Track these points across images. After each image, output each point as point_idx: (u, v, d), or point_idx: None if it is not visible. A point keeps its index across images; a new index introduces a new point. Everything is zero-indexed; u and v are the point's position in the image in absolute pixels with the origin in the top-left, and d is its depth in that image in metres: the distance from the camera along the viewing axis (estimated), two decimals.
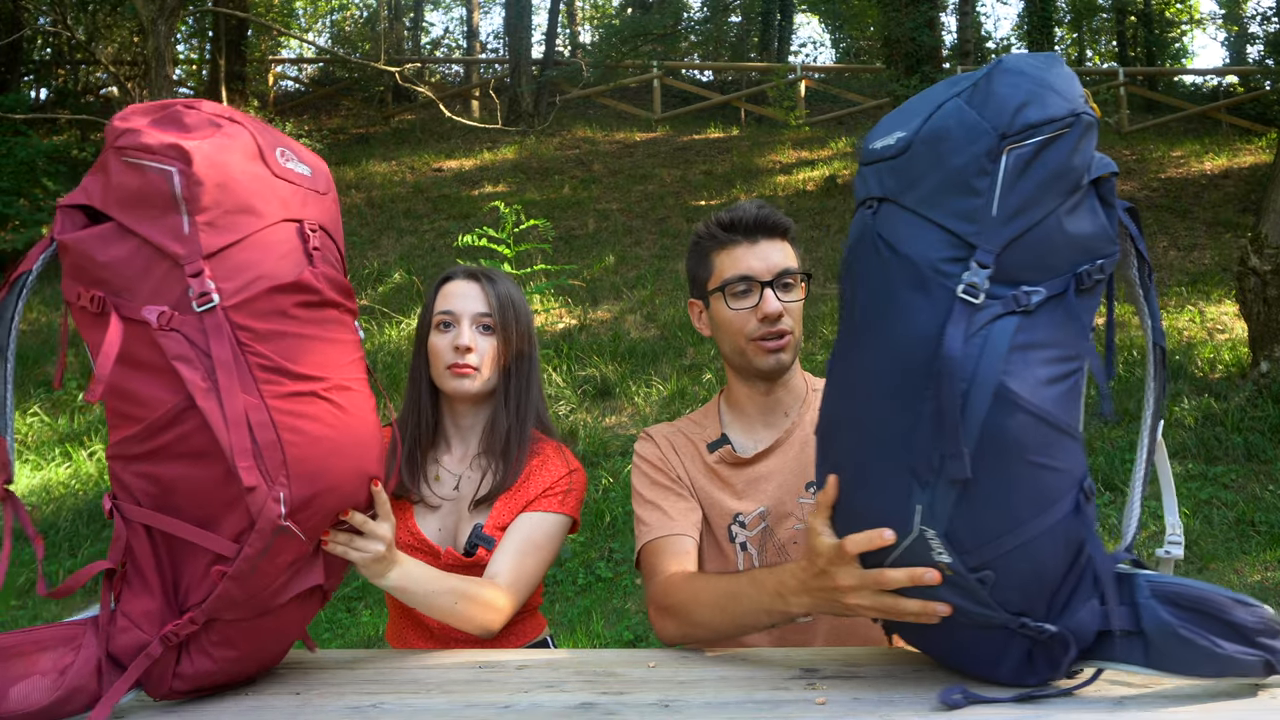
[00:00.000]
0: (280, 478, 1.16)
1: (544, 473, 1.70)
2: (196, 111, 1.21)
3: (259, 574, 1.19)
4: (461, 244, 6.38)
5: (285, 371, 1.18)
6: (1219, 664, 1.08)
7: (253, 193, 1.19)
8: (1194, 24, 22.71)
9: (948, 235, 1.10)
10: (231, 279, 1.17)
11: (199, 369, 1.14)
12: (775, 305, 1.58)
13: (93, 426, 6.65)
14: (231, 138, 1.20)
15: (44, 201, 10.13)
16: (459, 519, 1.71)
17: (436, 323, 1.71)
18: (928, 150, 1.11)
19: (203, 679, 1.24)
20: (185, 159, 1.14)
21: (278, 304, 1.19)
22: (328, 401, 1.22)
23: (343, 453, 1.23)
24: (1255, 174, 10.75)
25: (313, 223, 1.26)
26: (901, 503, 1.10)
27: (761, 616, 1.33)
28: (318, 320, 1.24)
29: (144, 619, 1.20)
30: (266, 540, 1.17)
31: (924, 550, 1.10)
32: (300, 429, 1.18)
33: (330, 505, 1.24)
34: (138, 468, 1.19)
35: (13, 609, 4.70)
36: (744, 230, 1.62)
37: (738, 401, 1.70)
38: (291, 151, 1.28)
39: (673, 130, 14.40)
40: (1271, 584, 4.21)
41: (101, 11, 13.84)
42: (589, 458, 5.83)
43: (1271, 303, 5.88)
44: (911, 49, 10.40)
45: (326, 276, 1.25)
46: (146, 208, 1.15)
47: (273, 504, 1.15)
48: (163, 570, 1.21)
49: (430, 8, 25.62)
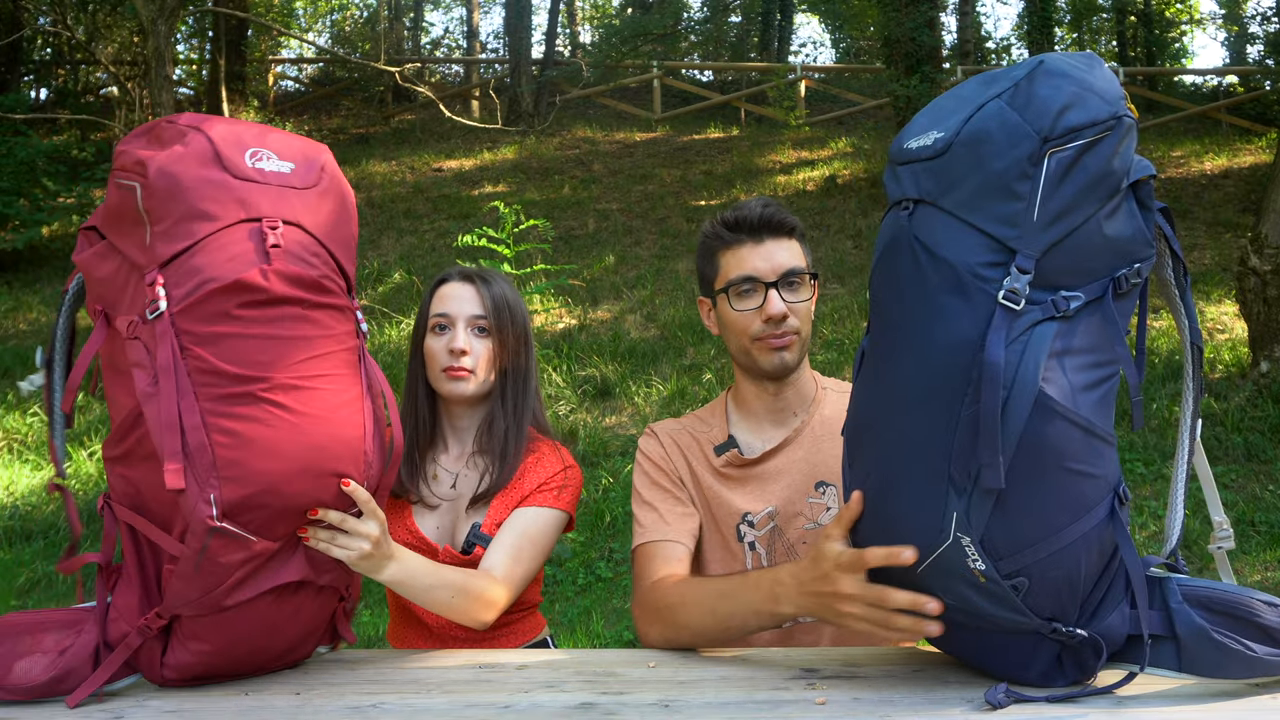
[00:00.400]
0: (210, 479, 1.17)
1: (539, 469, 1.70)
2: (174, 125, 1.26)
3: (205, 573, 1.20)
4: (461, 244, 6.38)
5: (220, 373, 1.19)
6: (1251, 666, 1.09)
7: (205, 197, 1.22)
8: (1194, 24, 22.72)
9: (988, 239, 1.08)
10: (182, 284, 1.20)
11: (149, 374, 1.20)
12: (779, 307, 1.57)
13: (93, 427, 6.65)
14: (189, 146, 1.23)
15: (44, 201, 10.14)
16: (456, 517, 1.71)
17: (432, 325, 1.71)
18: (968, 152, 1.09)
19: (186, 670, 1.28)
20: (144, 173, 1.21)
21: (220, 306, 1.20)
22: (269, 403, 1.20)
23: (281, 453, 1.20)
24: (1255, 174, 10.75)
25: (274, 219, 1.24)
26: (936, 508, 1.09)
27: (750, 618, 1.33)
28: (267, 319, 1.22)
29: (127, 611, 1.26)
30: (202, 540, 1.18)
31: (959, 557, 1.09)
32: (233, 430, 1.18)
33: (277, 505, 1.22)
34: (115, 468, 1.27)
35: (13, 609, 4.70)
36: (749, 229, 1.61)
37: (745, 401, 1.70)
38: (270, 151, 1.28)
39: (673, 130, 14.40)
40: (1271, 584, 4.22)
41: (101, 11, 13.85)
42: (589, 458, 5.83)
43: (1271, 303, 5.88)
44: (911, 49, 10.40)
45: (282, 273, 1.23)
46: (123, 223, 1.24)
47: (203, 505, 1.16)
48: (144, 566, 1.27)
49: (430, 8, 25.63)
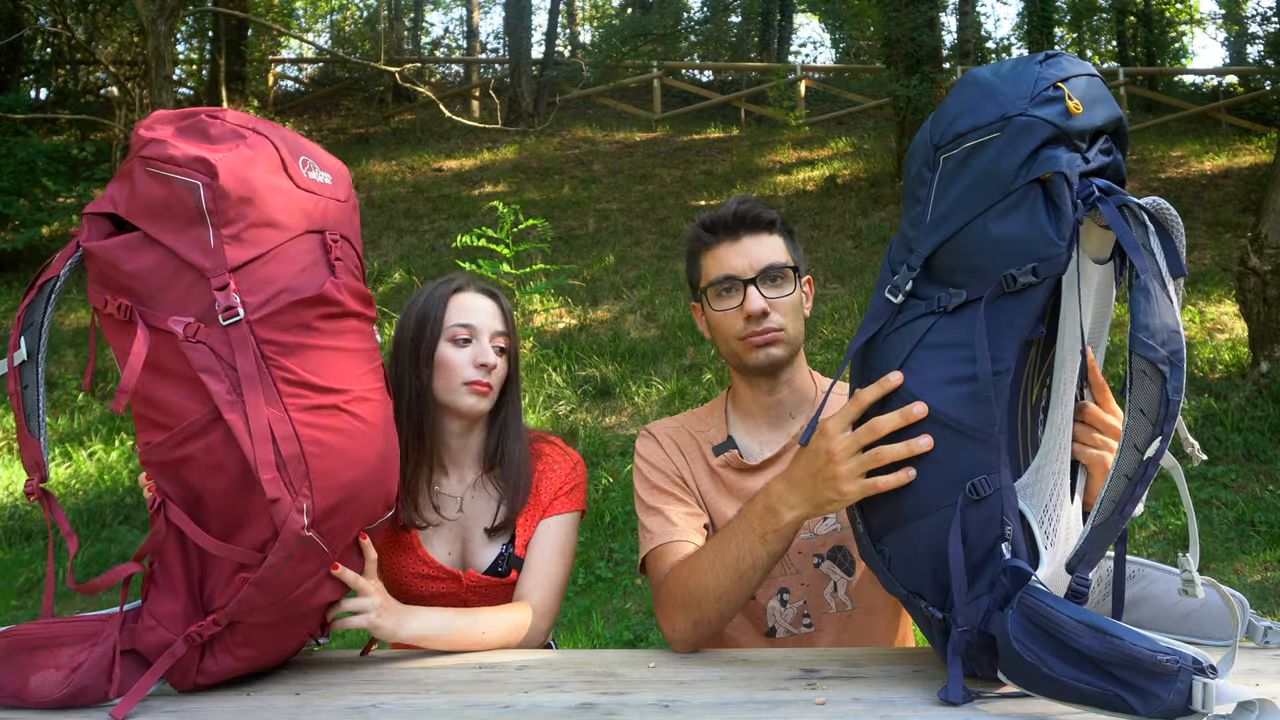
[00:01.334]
0: (303, 489, 1.19)
1: (552, 475, 1.69)
2: (221, 122, 1.22)
3: (281, 581, 1.22)
4: (461, 244, 6.38)
5: (309, 385, 1.21)
6: (1055, 687, 1.03)
7: (276, 206, 1.21)
8: (1194, 24, 22.72)
9: (903, 239, 1.22)
10: (256, 293, 1.19)
11: (224, 381, 1.17)
12: (757, 304, 1.56)
13: (92, 427, 6.65)
14: (255, 150, 1.21)
15: (44, 201, 10.14)
16: (466, 539, 1.69)
17: (452, 335, 1.63)
18: (906, 164, 1.25)
19: (224, 674, 1.28)
20: (211, 173, 1.16)
21: (301, 317, 1.22)
22: (349, 414, 1.25)
23: (363, 464, 1.26)
24: (1255, 174, 10.75)
25: (334, 233, 1.28)
26: None
27: (757, 546, 1.32)
28: (339, 331, 1.27)
29: (169, 619, 1.24)
30: (290, 549, 1.19)
31: (854, 521, 1.28)
32: (323, 441, 1.21)
33: (352, 514, 1.27)
34: (170, 473, 1.22)
35: (12, 609, 4.70)
36: (725, 229, 1.60)
37: (742, 402, 1.69)
38: (314, 160, 1.29)
39: (673, 130, 14.40)
40: (1271, 584, 4.21)
41: (101, 11, 13.85)
42: (589, 458, 5.83)
43: (1271, 303, 5.89)
44: (911, 49, 10.39)
45: (348, 287, 1.27)
46: (172, 219, 1.17)
47: (296, 515, 1.18)
48: (190, 572, 1.24)
49: (430, 8, 25.61)
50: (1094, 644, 1.01)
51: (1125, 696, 0.99)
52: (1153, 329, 1.02)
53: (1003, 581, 1.10)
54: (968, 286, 1.13)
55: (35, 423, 1.25)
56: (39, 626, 1.24)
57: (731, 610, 1.40)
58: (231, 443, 1.17)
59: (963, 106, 1.15)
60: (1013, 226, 1.10)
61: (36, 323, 1.24)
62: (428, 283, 1.74)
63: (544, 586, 1.60)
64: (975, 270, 1.12)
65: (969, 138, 1.13)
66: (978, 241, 1.12)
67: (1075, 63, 1.15)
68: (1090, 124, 1.11)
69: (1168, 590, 1.30)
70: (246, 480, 1.18)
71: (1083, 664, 1.02)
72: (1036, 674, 1.04)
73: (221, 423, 1.17)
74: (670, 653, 1.43)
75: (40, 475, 1.24)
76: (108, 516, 5.59)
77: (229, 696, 1.28)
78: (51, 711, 1.21)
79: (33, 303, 1.23)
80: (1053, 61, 1.14)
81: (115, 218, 1.21)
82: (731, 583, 1.36)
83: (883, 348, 1.20)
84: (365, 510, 1.30)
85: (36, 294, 1.23)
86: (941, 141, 1.15)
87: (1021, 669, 1.06)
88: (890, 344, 1.19)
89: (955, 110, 1.15)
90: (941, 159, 1.15)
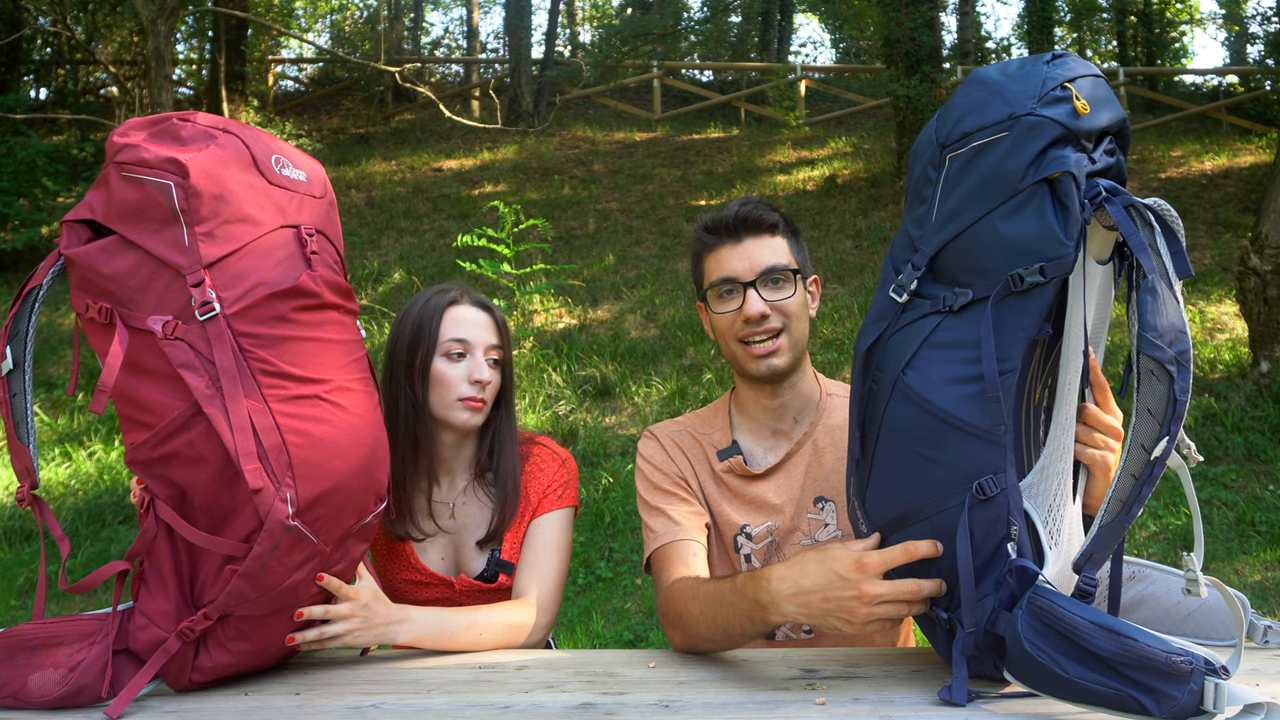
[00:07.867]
0: (286, 479, 1.20)
1: (541, 476, 1.69)
2: (191, 124, 1.24)
3: (269, 572, 1.22)
4: (461, 244, 6.38)
5: (288, 375, 1.22)
6: (1066, 688, 1.03)
7: (249, 202, 1.23)
8: (1194, 24, 22.73)
9: (908, 238, 1.21)
10: (232, 287, 1.20)
11: (204, 376, 1.18)
12: (757, 307, 1.55)
13: (92, 427, 6.65)
14: (225, 148, 1.23)
15: (44, 201, 10.14)
16: (459, 546, 1.69)
17: (447, 350, 1.63)
18: (909, 163, 1.24)
19: (220, 671, 1.29)
20: (182, 173, 1.18)
21: (278, 310, 1.23)
22: (331, 404, 1.26)
23: (346, 453, 1.26)
24: (1255, 174, 10.74)
25: (310, 228, 1.29)
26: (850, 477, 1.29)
27: (745, 622, 1.30)
28: (317, 323, 1.27)
29: (161, 617, 1.24)
30: (275, 539, 1.20)
31: (854, 519, 1.28)
32: (305, 431, 1.22)
33: (339, 504, 1.27)
34: (154, 470, 1.23)
35: (12, 609, 4.70)
36: (727, 230, 1.59)
37: (745, 406, 1.68)
38: (286, 158, 1.30)
39: (673, 130, 14.40)
40: (1271, 584, 4.21)
41: (101, 11, 13.85)
42: (589, 458, 5.83)
43: (1271, 303, 5.88)
44: (911, 49, 10.38)
45: (325, 279, 1.28)
46: (147, 221, 1.19)
47: (280, 504, 1.19)
48: (180, 569, 1.25)
49: (430, 8, 25.61)
50: (1107, 645, 1.01)
51: (1139, 697, 0.99)
52: (1160, 329, 1.02)
53: (1009, 581, 1.10)
54: (974, 286, 1.13)
55: (24, 430, 1.26)
56: (38, 626, 1.25)
57: (724, 650, 1.40)
58: (213, 436, 1.18)
59: (970, 106, 1.14)
60: (1020, 226, 1.10)
61: (22, 332, 1.26)
62: (421, 291, 1.73)
63: (542, 582, 1.60)
64: (981, 269, 1.12)
65: (976, 137, 1.12)
66: (984, 241, 1.12)
67: (1081, 63, 1.15)
68: (1096, 124, 1.11)
69: (1168, 591, 1.30)
70: (230, 473, 1.19)
71: (1096, 665, 1.02)
72: (1048, 674, 1.04)
73: (202, 418, 1.18)
74: (670, 653, 1.43)
75: (31, 482, 1.25)
76: (108, 516, 5.59)
77: (228, 696, 1.27)
78: (50, 711, 1.21)
79: (18, 312, 1.26)
80: (1059, 62, 1.14)
81: (94, 224, 1.23)
82: (721, 637, 1.36)
83: (888, 346, 1.20)
84: (354, 500, 1.29)
85: (21, 304, 1.25)
86: (948, 140, 1.15)
87: (1032, 669, 1.06)
88: (895, 343, 1.19)
89: (962, 109, 1.15)
90: (948, 158, 1.15)
